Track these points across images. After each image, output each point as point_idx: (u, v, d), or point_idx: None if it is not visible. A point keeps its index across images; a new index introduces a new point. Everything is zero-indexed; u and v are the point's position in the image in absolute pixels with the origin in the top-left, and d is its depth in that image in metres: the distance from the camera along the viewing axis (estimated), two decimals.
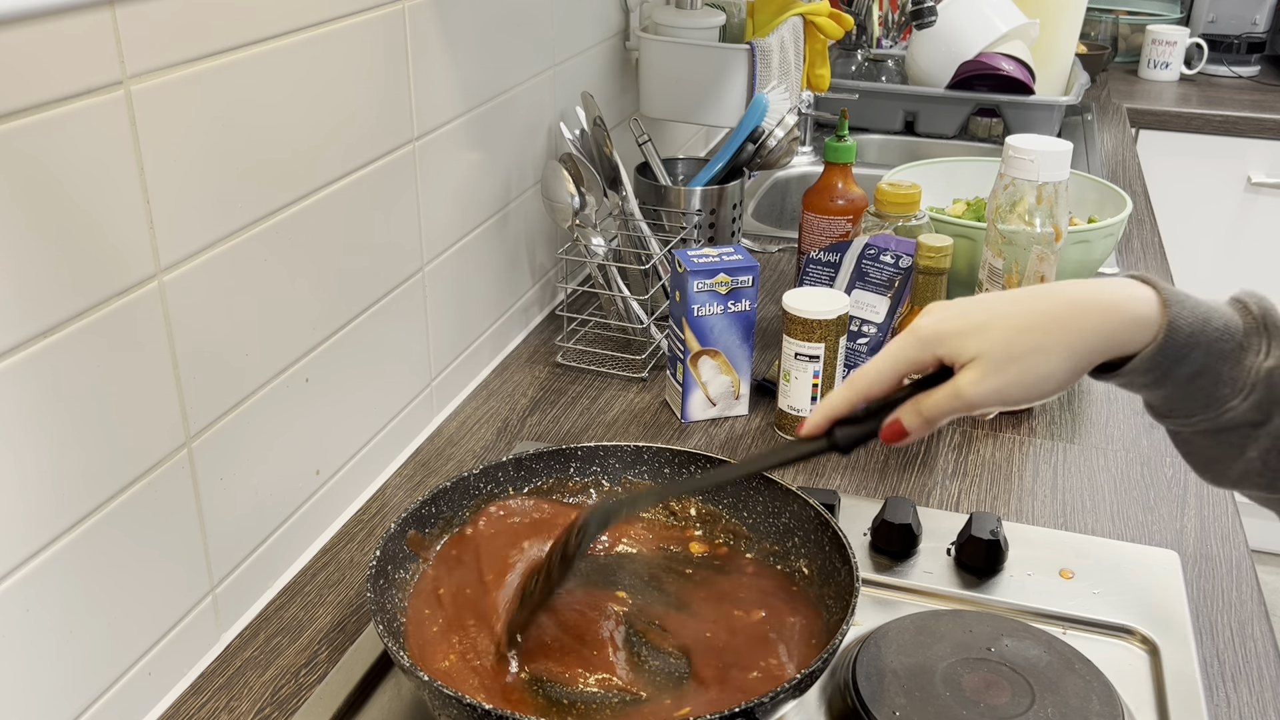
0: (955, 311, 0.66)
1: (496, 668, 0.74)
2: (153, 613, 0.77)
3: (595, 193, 1.25)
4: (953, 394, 0.64)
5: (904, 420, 0.66)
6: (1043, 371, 0.63)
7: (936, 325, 0.66)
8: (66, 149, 0.64)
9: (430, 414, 1.14)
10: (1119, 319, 0.62)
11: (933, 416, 0.65)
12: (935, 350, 0.65)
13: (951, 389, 0.64)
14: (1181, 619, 0.86)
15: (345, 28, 0.89)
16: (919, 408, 0.66)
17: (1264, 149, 2.37)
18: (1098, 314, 0.62)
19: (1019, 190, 1.09)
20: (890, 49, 2.37)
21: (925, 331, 0.66)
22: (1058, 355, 0.62)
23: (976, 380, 0.63)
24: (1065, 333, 0.62)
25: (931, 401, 0.65)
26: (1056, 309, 0.63)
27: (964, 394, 0.64)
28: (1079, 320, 0.62)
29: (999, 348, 0.63)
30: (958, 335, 0.64)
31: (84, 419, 0.68)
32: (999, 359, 0.63)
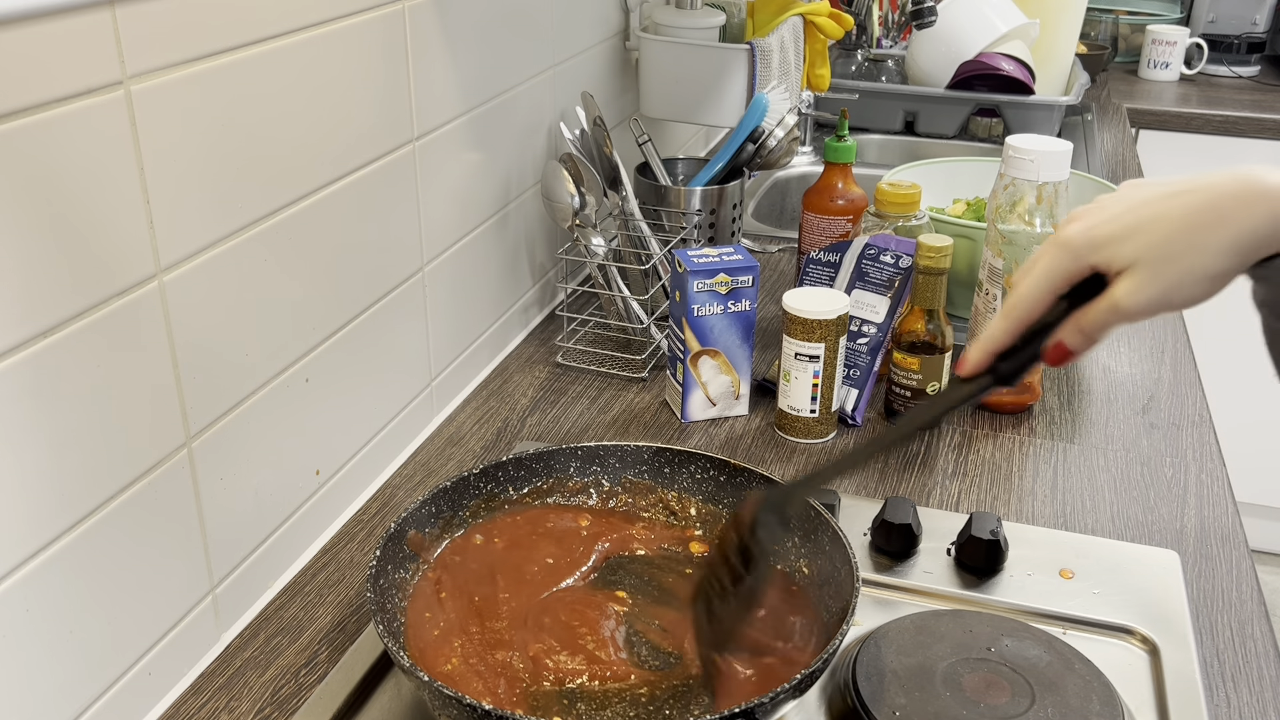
0: (1104, 216, 0.63)
1: (500, 670, 0.74)
2: (153, 613, 0.77)
3: (595, 193, 1.25)
4: (1111, 307, 0.62)
5: (1067, 340, 0.64)
6: (1205, 271, 0.59)
7: (1087, 232, 0.63)
8: (66, 149, 0.64)
9: (430, 414, 1.14)
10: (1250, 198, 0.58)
11: (1094, 331, 0.63)
12: (1089, 259, 0.62)
13: (1109, 301, 0.62)
14: (1181, 619, 0.86)
15: (345, 28, 0.89)
16: (1080, 325, 0.63)
17: (1264, 149, 2.37)
18: (1261, 202, 0.58)
19: (1019, 190, 1.09)
20: (890, 49, 2.37)
21: (1076, 240, 0.63)
22: (1220, 252, 0.59)
23: (1135, 289, 0.60)
24: (1226, 227, 0.59)
25: (1091, 316, 0.62)
26: (1214, 201, 0.59)
27: (1123, 305, 0.61)
28: (1239, 211, 0.58)
29: (1155, 251, 0.60)
30: (1110, 241, 0.62)
31: (84, 419, 0.68)
32: (1156, 264, 0.60)
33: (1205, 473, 1.07)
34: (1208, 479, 1.06)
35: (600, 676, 0.74)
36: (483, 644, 0.76)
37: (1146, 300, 0.60)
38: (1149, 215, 0.61)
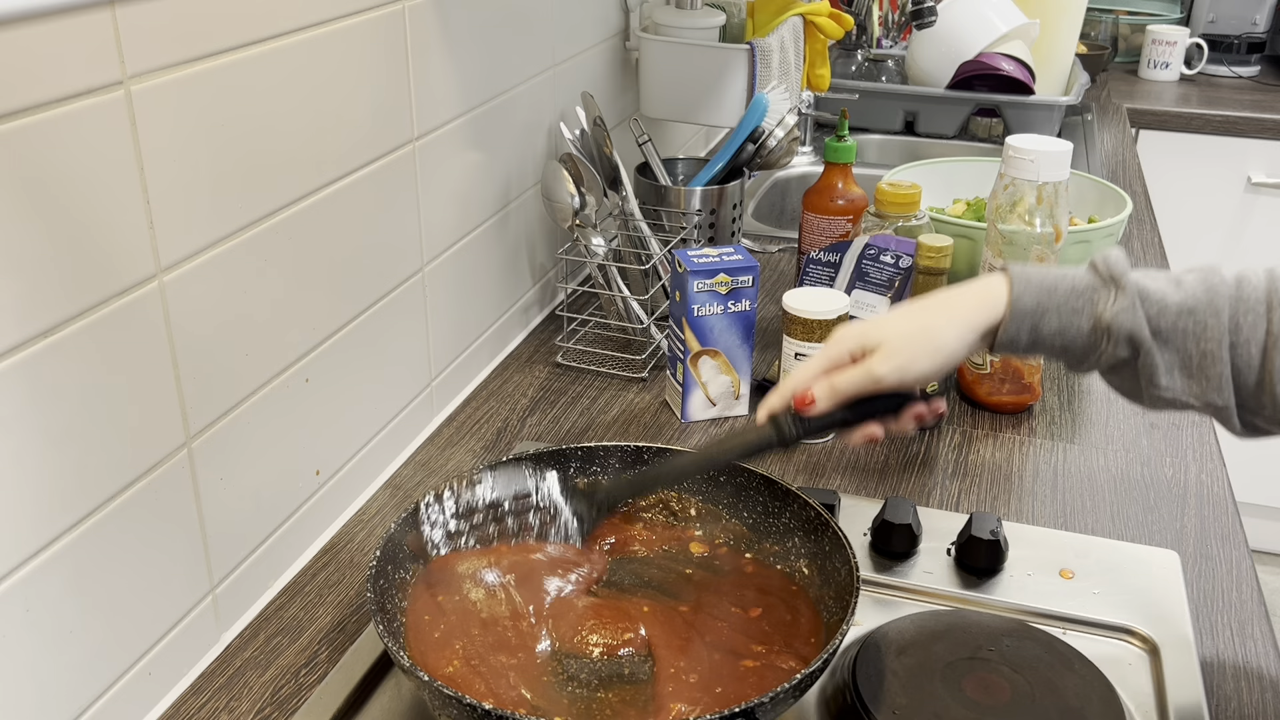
0: (864, 319, 0.81)
1: (501, 670, 0.74)
2: (153, 613, 0.77)
3: (595, 193, 1.25)
4: (865, 371, 0.77)
5: (815, 390, 0.79)
6: (935, 344, 0.77)
7: (849, 328, 0.80)
8: (66, 149, 0.64)
9: (430, 414, 1.14)
10: (980, 298, 0.77)
11: (842, 390, 0.78)
12: (849, 345, 0.79)
13: (863, 368, 0.78)
14: (1181, 619, 0.86)
15: (345, 28, 0.89)
16: (831, 382, 0.78)
17: (1264, 149, 2.37)
18: (965, 296, 0.78)
19: (1019, 190, 1.09)
20: (890, 49, 2.37)
21: (841, 333, 0.80)
22: (946, 330, 0.77)
23: (882, 360, 0.77)
24: (946, 313, 0.78)
25: (845, 378, 0.78)
26: (937, 300, 0.79)
27: (874, 370, 0.77)
28: (953, 304, 0.78)
29: (896, 334, 0.78)
30: (864, 331, 0.79)
31: (84, 419, 0.68)
32: (897, 341, 0.77)
33: (1205, 473, 1.07)
34: (1208, 479, 1.06)
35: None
36: (485, 646, 0.76)
37: (892, 368, 0.77)
38: (894, 314, 0.80)
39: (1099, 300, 0.74)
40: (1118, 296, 0.73)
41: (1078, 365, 0.77)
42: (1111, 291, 0.74)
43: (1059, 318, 0.75)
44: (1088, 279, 0.75)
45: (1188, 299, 0.73)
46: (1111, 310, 0.73)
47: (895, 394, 0.79)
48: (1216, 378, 0.72)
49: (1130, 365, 0.74)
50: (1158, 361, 0.73)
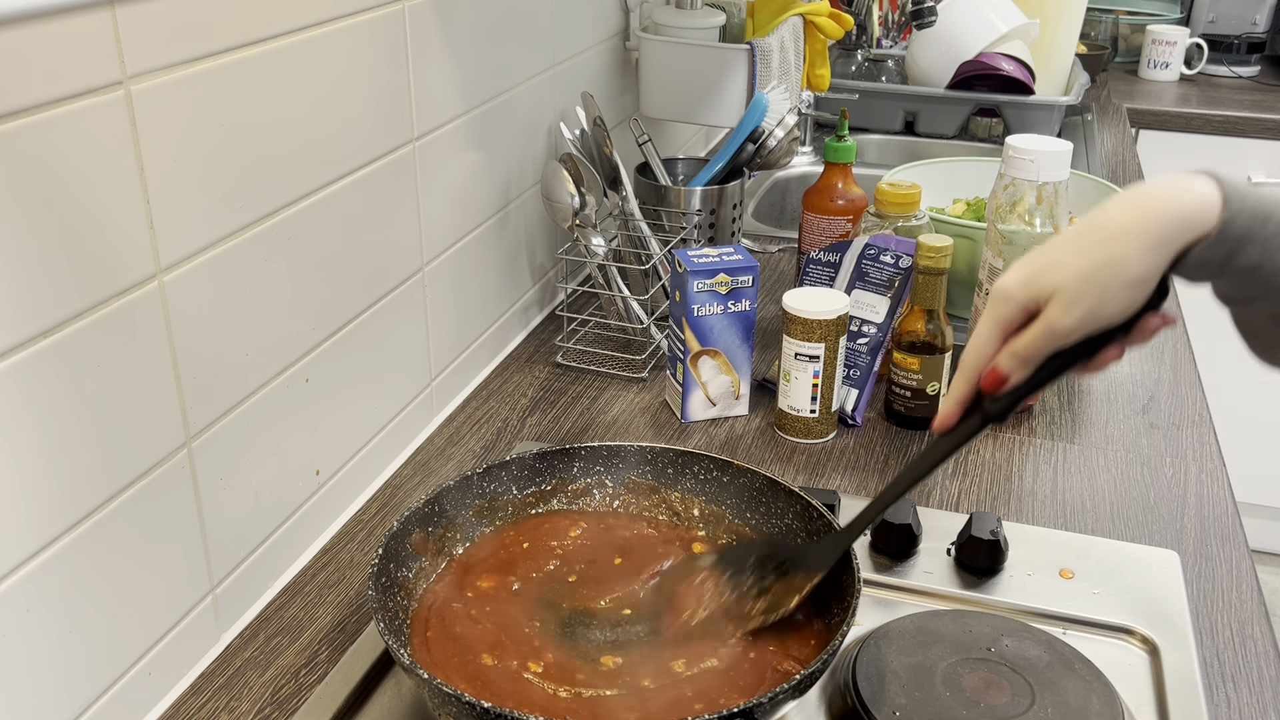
0: (1028, 259, 0.68)
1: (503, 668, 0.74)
2: (153, 612, 0.77)
3: (595, 193, 1.25)
4: (1045, 329, 0.66)
5: (1002, 365, 0.68)
6: (1125, 278, 0.65)
7: (1013, 276, 0.68)
8: (66, 149, 0.64)
9: (430, 414, 1.14)
10: (1182, 213, 0.64)
11: (1030, 355, 0.67)
12: (1019, 299, 0.67)
13: (1044, 324, 0.66)
14: (1181, 619, 0.86)
15: (345, 28, 0.89)
16: (1013, 349, 0.67)
17: (1264, 149, 2.37)
18: (1163, 211, 0.64)
19: (1019, 190, 1.09)
20: (890, 49, 2.37)
21: (1005, 285, 0.68)
22: (1134, 258, 0.64)
23: (1065, 309, 0.65)
24: (1133, 236, 0.64)
25: (1025, 340, 0.67)
26: (1118, 218, 0.65)
27: (1056, 325, 0.66)
28: (1137, 224, 0.65)
29: (1073, 274, 0.65)
30: (1033, 278, 0.67)
31: (84, 419, 0.68)
32: (1077, 285, 0.65)
33: (1205, 473, 1.07)
34: (1208, 479, 1.06)
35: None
36: (496, 651, 0.76)
37: (1078, 317, 0.65)
38: (1065, 247, 0.67)
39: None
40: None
41: (1243, 302, 0.67)
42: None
43: (1262, 250, 0.64)
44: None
45: None
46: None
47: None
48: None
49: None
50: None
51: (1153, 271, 0.65)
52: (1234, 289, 0.66)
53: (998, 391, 0.68)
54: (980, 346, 0.69)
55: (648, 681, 0.73)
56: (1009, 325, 0.68)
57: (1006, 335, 0.69)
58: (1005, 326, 0.68)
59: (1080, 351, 0.68)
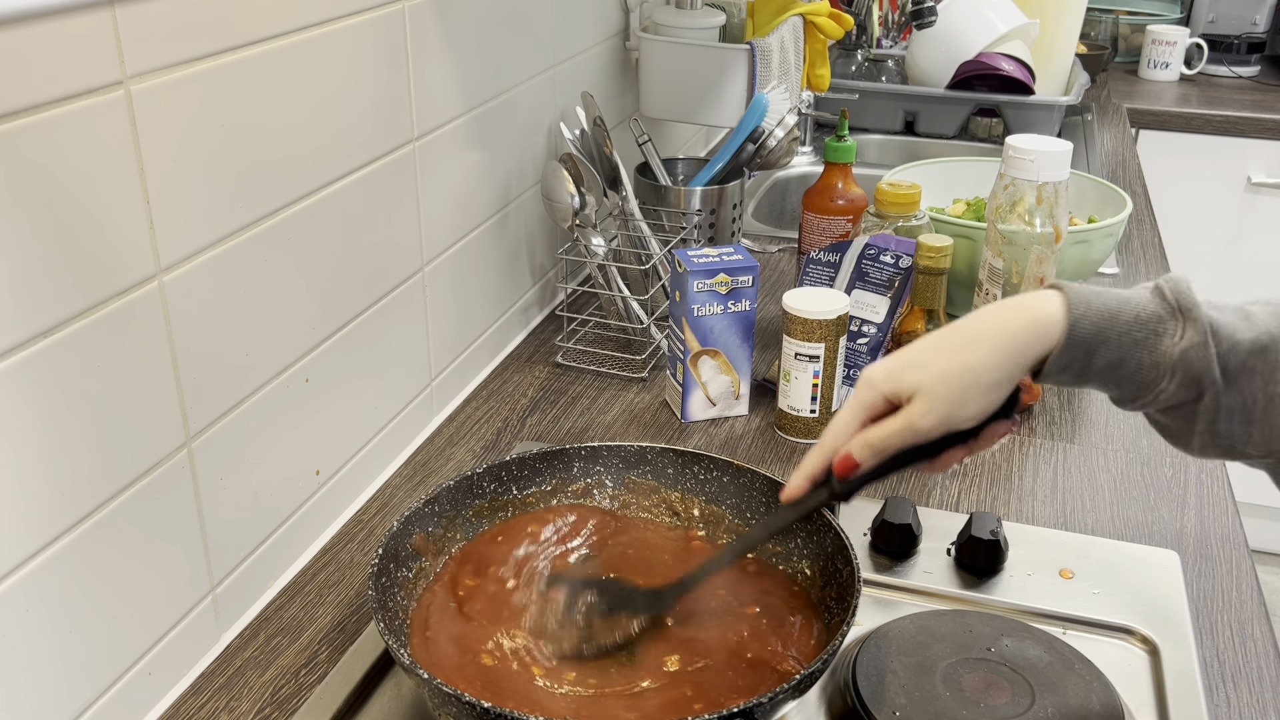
0: (895, 355, 0.72)
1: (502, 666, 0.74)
2: (153, 612, 0.77)
3: (595, 193, 1.25)
4: (905, 426, 0.70)
5: (855, 453, 0.71)
6: (982, 383, 0.68)
7: (880, 367, 0.72)
8: (66, 149, 0.64)
9: (430, 414, 1.14)
10: (1031, 321, 0.67)
11: (885, 448, 0.71)
12: (882, 390, 0.71)
13: (903, 421, 0.70)
14: (1181, 619, 0.86)
15: (345, 28, 0.89)
16: (869, 441, 0.71)
17: (1264, 149, 2.37)
18: (1013, 320, 0.68)
19: (1019, 190, 1.09)
20: (890, 49, 2.37)
21: (872, 375, 0.72)
22: (989, 365, 0.68)
23: (925, 411, 0.69)
24: (989, 345, 0.68)
25: (883, 434, 0.70)
26: (977, 326, 0.70)
27: (916, 424, 0.69)
28: (997, 330, 0.68)
29: (934, 376, 0.69)
30: (898, 373, 0.70)
31: (84, 419, 0.68)
32: (937, 386, 0.69)
33: (1205, 473, 1.07)
34: (1208, 479, 1.06)
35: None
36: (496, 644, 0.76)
37: (937, 418, 0.69)
38: (928, 348, 0.71)
39: (1166, 333, 0.65)
40: (1187, 331, 0.65)
41: (1127, 402, 0.68)
42: (1180, 325, 0.65)
43: (1118, 349, 0.66)
44: (1153, 307, 0.66)
45: (1260, 335, 0.65)
46: (1179, 347, 0.65)
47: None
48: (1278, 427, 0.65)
49: (1189, 408, 0.66)
50: (1222, 404, 0.65)
51: (1006, 379, 0.68)
52: (1110, 390, 0.69)
53: (848, 476, 0.72)
54: (840, 427, 0.73)
55: (648, 681, 0.73)
56: (871, 412, 0.72)
57: (866, 421, 0.72)
58: (867, 412, 0.72)
59: (928, 450, 0.71)
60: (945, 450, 0.71)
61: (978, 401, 0.69)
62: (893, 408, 0.71)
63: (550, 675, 0.74)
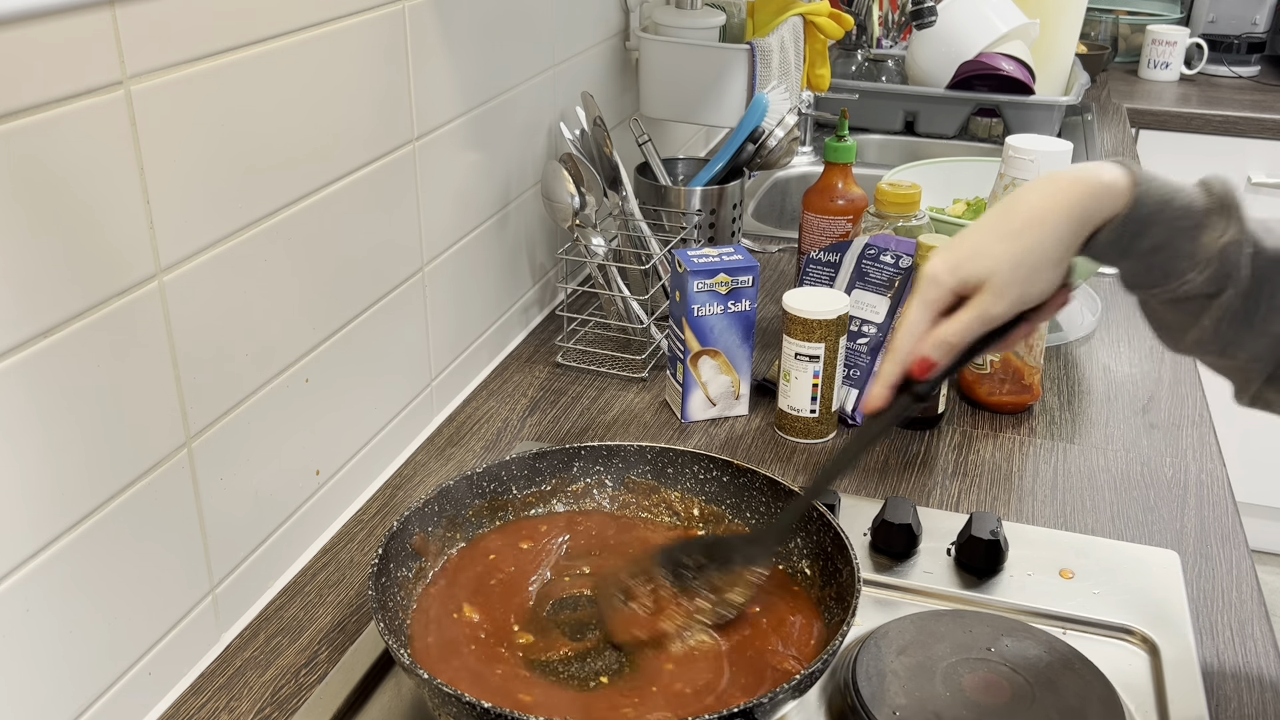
0: (954, 244, 0.72)
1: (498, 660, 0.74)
2: (153, 612, 0.77)
3: (595, 193, 1.25)
4: (979, 316, 0.69)
5: (930, 353, 0.71)
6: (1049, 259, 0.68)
7: (941, 262, 0.71)
8: (67, 149, 0.64)
9: (430, 414, 1.14)
10: (1095, 189, 0.68)
11: (962, 342, 0.70)
12: (949, 284, 0.70)
13: (976, 312, 0.69)
14: (1181, 619, 0.86)
15: (345, 28, 0.89)
16: (944, 338, 0.70)
17: (1264, 149, 2.37)
18: (1074, 191, 0.68)
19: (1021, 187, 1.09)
20: (890, 49, 2.37)
21: (935, 270, 0.71)
22: (1054, 240, 0.68)
23: (996, 298, 0.69)
24: (1052, 221, 0.68)
25: (958, 328, 0.70)
26: (1036, 204, 0.70)
27: (989, 312, 0.69)
28: (1056, 205, 0.69)
29: (1001, 261, 0.69)
30: (962, 263, 0.70)
31: (84, 419, 0.68)
32: (1007, 271, 0.68)
33: (1205, 473, 1.07)
34: (1208, 479, 1.06)
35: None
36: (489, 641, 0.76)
37: (1009, 302, 0.69)
38: (989, 236, 0.70)
39: (1211, 226, 0.67)
40: (1230, 227, 0.67)
41: (1146, 285, 0.70)
42: (1224, 219, 0.67)
43: (1165, 232, 0.67)
44: (1202, 199, 0.68)
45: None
46: (1221, 241, 0.67)
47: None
48: (1273, 336, 0.68)
49: (1202, 301, 0.69)
50: (1234, 304, 0.68)
51: (1070, 251, 0.69)
52: (1138, 273, 0.70)
53: (927, 377, 0.71)
54: (911, 329, 0.72)
55: (647, 681, 0.73)
56: (939, 308, 0.71)
57: (935, 317, 0.71)
58: (935, 309, 0.71)
59: (997, 332, 0.71)
60: (1014, 327, 0.71)
61: (1046, 278, 0.69)
62: (958, 299, 0.71)
63: (549, 675, 0.74)
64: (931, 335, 0.71)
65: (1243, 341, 0.69)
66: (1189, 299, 0.69)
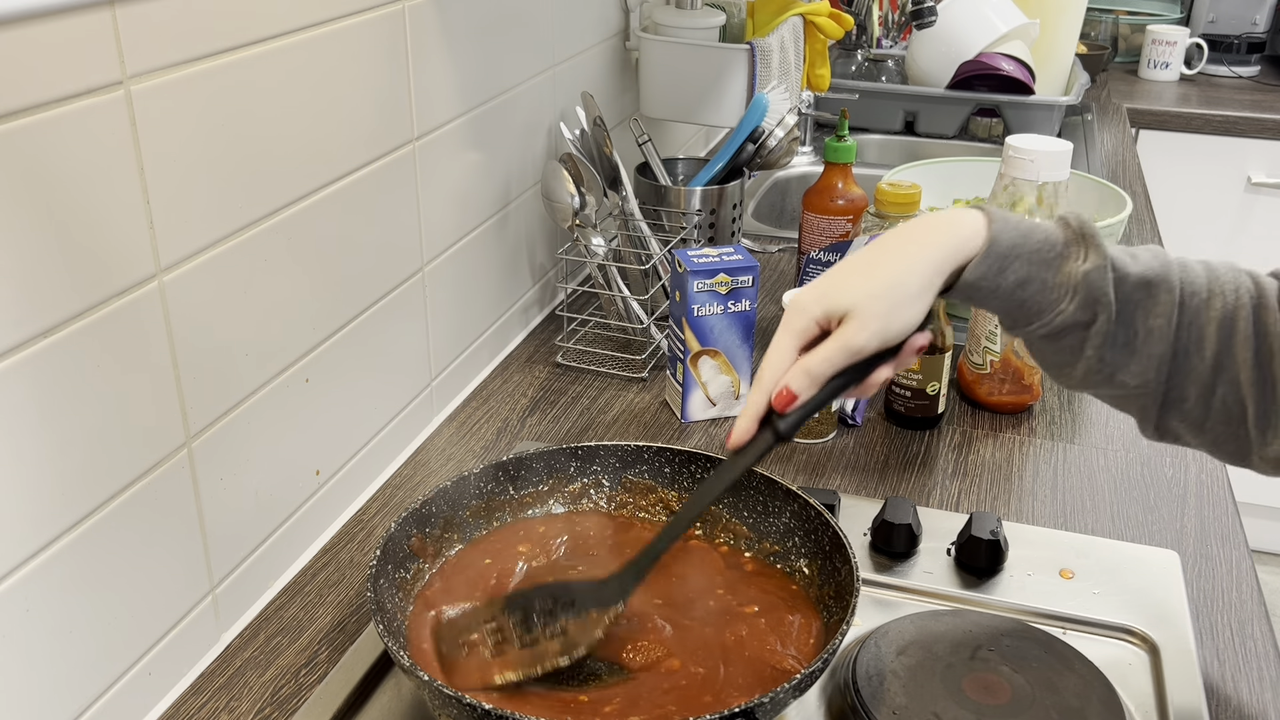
0: (822, 278, 0.74)
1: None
2: (153, 612, 0.77)
3: (595, 193, 1.25)
4: (841, 346, 0.70)
5: (792, 384, 0.71)
6: (909, 294, 0.70)
7: (808, 292, 0.73)
8: (66, 149, 0.64)
9: (430, 414, 1.14)
10: (953, 235, 0.71)
11: (823, 372, 0.71)
12: (813, 314, 0.72)
13: (839, 341, 0.71)
14: (1181, 619, 0.86)
15: (345, 28, 0.89)
16: (806, 367, 0.71)
17: (1264, 149, 2.37)
18: (936, 233, 0.71)
19: (1019, 190, 1.09)
20: (890, 49, 2.37)
21: (801, 300, 0.73)
22: (915, 276, 0.70)
23: (859, 328, 0.70)
24: (913, 257, 0.71)
25: (820, 357, 0.71)
26: (900, 242, 0.72)
27: (851, 342, 0.70)
28: (917, 242, 0.71)
29: (865, 294, 0.71)
30: (828, 293, 0.72)
31: (84, 419, 0.68)
32: (869, 302, 0.70)
33: (1205, 473, 1.07)
34: (1208, 479, 1.06)
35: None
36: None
37: (871, 333, 0.70)
38: (854, 267, 0.73)
39: (1071, 256, 0.70)
40: (1090, 254, 0.70)
41: (1023, 323, 0.72)
42: (1083, 249, 0.70)
43: (1027, 266, 0.70)
44: (1060, 233, 0.71)
45: (1145, 271, 0.70)
46: (1083, 269, 0.70)
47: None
48: (1155, 358, 0.70)
49: (1080, 332, 0.71)
50: (1111, 330, 0.70)
51: (931, 288, 0.71)
52: (1011, 311, 0.72)
53: (787, 410, 0.71)
54: (778, 358, 0.73)
55: (647, 681, 0.73)
56: (805, 338, 0.73)
57: (800, 348, 0.73)
58: (801, 339, 0.73)
59: (856, 372, 0.72)
60: (872, 369, 0.72)
61: (907, 313, 0.71)
62: (824, 333, 0.72)
63: (548, 675, 0.74)
64: (795, 366, 0.72)
65: (1128, 366, 0.71)
66: (1065, 330, 0.71)
